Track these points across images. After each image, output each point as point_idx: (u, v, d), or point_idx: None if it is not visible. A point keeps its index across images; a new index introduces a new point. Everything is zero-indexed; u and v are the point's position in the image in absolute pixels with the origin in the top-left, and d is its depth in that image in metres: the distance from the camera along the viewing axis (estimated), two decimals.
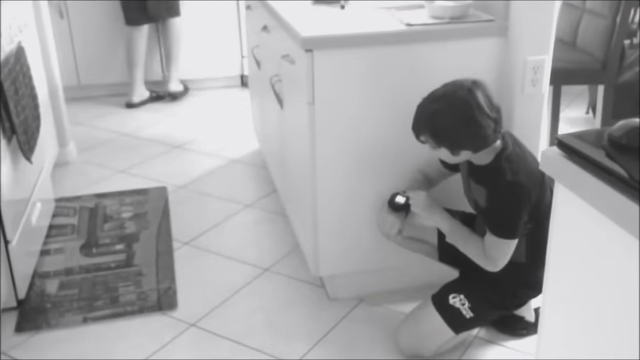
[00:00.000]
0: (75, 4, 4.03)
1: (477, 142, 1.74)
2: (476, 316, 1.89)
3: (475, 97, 1.71)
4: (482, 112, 1.70)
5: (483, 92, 1.73)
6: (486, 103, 1.72)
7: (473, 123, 1.70)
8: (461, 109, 1.71)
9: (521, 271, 1.86)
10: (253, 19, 2.99)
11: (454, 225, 1.86)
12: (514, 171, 1.74)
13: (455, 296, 1.89)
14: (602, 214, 1.01)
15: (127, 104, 4.12)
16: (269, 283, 2.35)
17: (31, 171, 2.43)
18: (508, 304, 1.95)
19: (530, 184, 1.74)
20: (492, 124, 1.72)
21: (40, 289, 2.29)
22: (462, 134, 1.73)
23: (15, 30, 2.43)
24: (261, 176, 3.17)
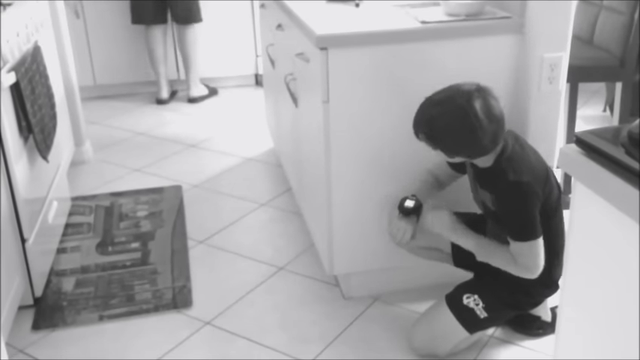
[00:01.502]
0: (90, 4, 4.06)
1: (472, 150, 1.73)
2: (490, 316, 1.88)
3: (472, 107, 1.66)
4: (478, 123, 1.66)
5: (484, 101, 1.68)
6: (485, 113, 1.67)
7: (468, 133, 1.68)
8: (457, 118, 1.68)
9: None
10: (268, 18, 2.99)
11: (479, 242, 1.81)
12: (516, 170, 1.71)
13: (469, 296, 1.88)
14: (621, 211, 0.99)
15: (158, 100, 4.16)
16: (284, 282, 2.34)
17: (47, 170, 2.45)
18: (523, 303, 1.93)
19: (534, 181, 1.72)
20: (489, 135, 1.68)
21: (57, 287, 2.31)
22: (457, 142, 1.72)
23: (32, 29, 2.45)
24: (276, 175, 3.17)
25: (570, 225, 1.18)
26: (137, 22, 4.02)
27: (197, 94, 4.20)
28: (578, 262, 1.17)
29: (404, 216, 1.91)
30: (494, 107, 1.70)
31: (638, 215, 0.95)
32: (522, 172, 1.72)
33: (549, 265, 1.82)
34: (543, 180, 1.75)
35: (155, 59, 4.08)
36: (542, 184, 1.74)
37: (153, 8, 3.96)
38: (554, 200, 1.80)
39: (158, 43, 4.05)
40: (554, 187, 1.79)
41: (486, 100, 1.69)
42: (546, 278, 1.85)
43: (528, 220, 1.72)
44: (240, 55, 4.38)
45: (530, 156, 1.78)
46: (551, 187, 1.77)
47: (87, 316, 2.16)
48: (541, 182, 1.74)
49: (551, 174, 1.80)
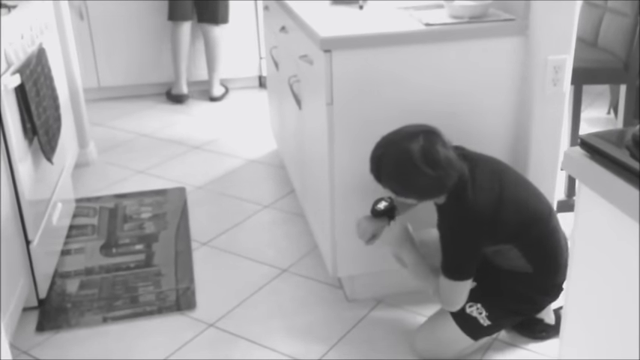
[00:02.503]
0: (95, 6, 4.07)
1: (416, 194, 1.74)
2: (494, 324, 1.88)
3: (410, 152, 1.65)
4: (416, 169, 1.66)
5: (428, 146, 1.66)
6: (427, 159, 1.65)
7: (406, 177, 1.69)
8: (397, 162, 1.69)
9: (533, 280, 1.85)
10: (271, 20, 3.00)
11: (418, 263, 1.87)
12: (459, 216, 1.71)
13: (472, 305, 1.87)
14: (625, 214, 0.99)
15: (176, 97, 4.19)
16: (287, 284, 2.34)
17: (51, 171, 2.45)
18: (526, 310, 1.94)
19: (476, 219, 1.70)
20: (431, 181, 1.67)
21: (61, 288, 2.31)
22: (398, 185, 1.73)
23: (36, 31, 2.46)
24: (279, 176, 3.17)
25: (574, 227, 1.18)
26: (173, 17, 4.05)
27: (219, 94, 4.26)
28: (582, 265, 1.17)
29: (373, 217, 1.93)
30: (439, 152, 1.67)
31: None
32: (462, 213, 1.71)
33: (546, 272, 1.84)
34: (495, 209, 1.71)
35: (180, 56, 4.11)
36: (493, 224, 1.71)
37: (189, 5, 4.01)
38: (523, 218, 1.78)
39: (186, 40, 4.09)
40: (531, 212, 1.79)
41: (430, 145, 1.67)
42: (549, 285, 1.86)
43: (459, 261, 1.76)
44: (244, 57, 4.38)
45: (479, 194, 1.71)
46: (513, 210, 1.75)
47: (91, 317, 2.16)
48: (491, 223, 1.71)
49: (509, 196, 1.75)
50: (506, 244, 1.79)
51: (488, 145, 2.12)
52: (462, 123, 2.07)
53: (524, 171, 2.16)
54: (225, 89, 4.36)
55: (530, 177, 2.15)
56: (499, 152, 2.14)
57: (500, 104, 2.08)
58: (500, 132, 2.12)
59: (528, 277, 1.85)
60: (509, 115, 2.10)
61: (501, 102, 2.08)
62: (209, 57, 4.18)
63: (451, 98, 2.04)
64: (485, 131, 2.10)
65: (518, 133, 2.13)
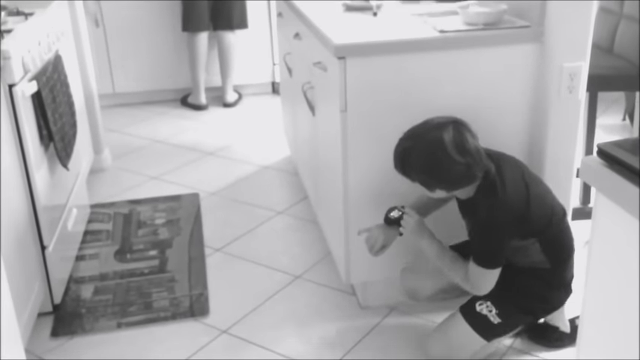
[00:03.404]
0: (110, 13, 4.10)
1: (446, 184, 1.75)
2: (504, 322, 1.87)
3: (443, 140, 1.68)
4: (448, 157, 1.68)
5: (457, 134, 1.69)
6: (457, 146, 1.68)
7: (439, 166, 1.70)
8: (427, 152, 1.71)
9: (548, 275, 1.86)
10: (285, 27, 3.01)
11: (440, 249, 1.86)
12: (489, 208, 1.73)
13: (481, 303, 1.88)
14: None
15: (196, 107, 4.22)
16: (300, 291, 2.34)
17: (67, 177, 2.47)
18: (536, 308, 1.92)
19: (508, 219, 1.73)
20: (463, 169, 1.69)
21: (76, 294, 2.33)
22: (430, 175, 1.74)
23: (53, 38, 2.48)
24: (293, 183, 3.17)
25: (592, 236, 1.17)
26: (188, 28, 4.07)
27: (232, 100, 4.28)
28: (599, 274, 1.16)
29: (387, 225, 1.93)
30: (468, 141, 1.70)
31: None
32: (496, 207, 1.73)
33: (563, 268, 1.86)
34: (522, 206, 1.74)
35: (198, 66, 4.13)
36: (520, 210, 1.74)
37: (205, 15, 4.03)
38: (547, 214, 1.82)
39: (204, 49, 4.11)
40: (546, 203, 1.82)
41: (460, 134, 1.70)
42: (558, 281, 1.88)
43: (492, 251, 1.77)
44: (258, 64, 4.40)
45: (509, 190, 1.75)
46: (539, 206, 1.78)
47: (105, 323, 2.17)
48: (519, 209, 1.74)
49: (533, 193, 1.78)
50: (531, 238, 1.81)
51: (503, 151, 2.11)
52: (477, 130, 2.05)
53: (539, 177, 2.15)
54: (239, 95, 4.38)
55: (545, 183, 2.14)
56: None
57: (515, 111, 2.07)
58: (515, 139, 2.11)
59: (546, 273, 1.86)
60: (525, 122, 2.09)
61: (516, 109, 2.07)
62: (223, 63, 4.21)
63: (466, 105, 2.03)
64: (500, 138, 2.09)
65: (533, 140, 2.12)
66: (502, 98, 2.05)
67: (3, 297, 1.54)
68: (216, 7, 4.05)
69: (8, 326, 1.53)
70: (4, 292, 1.54)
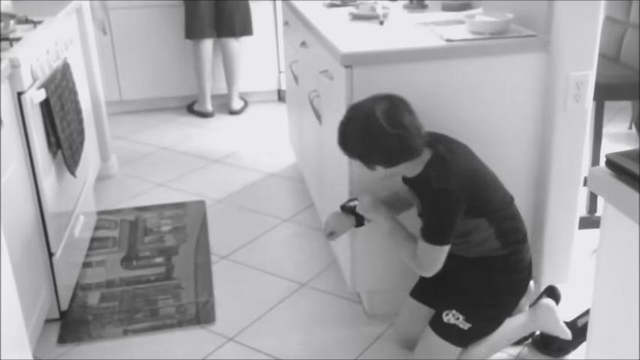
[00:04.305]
0: (117, 22, 4.13)
1: (381, 157, 1.74)
2: (475, 325, 1.87)
3: (374, 113, 1.70)
4: (380, 128, 1.68)
5: (391, 107, 1.71)
6: (389, 119, 1.68)
7: (370, 138, 1.71)
8: (360, 123, 1.73)
9: (505, 262, 1.86)
10: (292, 35, 3.02)
11: (394, 226, 1.85)
12: (440, 178, 1.73)
13: (447, 313, 1.87)
14: None
15: (203, 114, 4.24)
16: (306, 299, 2.34)
17: (74, 184, 2.48)
18: (503, 300, 1.91)
19: (459, 189, 1.73)
20: (395, 141, 1.69)
21: (82, 300, 2.33)
22: (364, 148, 1.74)
23: (61, 46, 2.50)
24: (298, 190, 3.18)
25: (600, 246, 1.17)
26: (191, 36, 4.08)
27: (238, 107, 4.30)
28: (607, 282, 1.16)
29: (342, 213, 1.95)
30: (402, 114, 1.71)
31: None
32: (446, 181, 1.73)
33: (516, 252, 1.86)
34: (470, 184, 1.76)
35: (204, 73, 4.15)
36: (469, 188, 1.75)
37: (208, 22, 4.04)
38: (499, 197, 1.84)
39: (209, 57, 4.13)
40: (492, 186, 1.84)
41: (394, 107, 1.72)
42: (516, 266, 1.88)
43: (441, 226, 1.76)
44: (264, 71, 4.41)
45: (459, 163, 1.77)
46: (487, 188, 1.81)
47: (112, 330, 2.18)
48: (468, 187, 1.75)
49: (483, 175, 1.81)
50: (482, 218, 1.80)
51: (510, 161, 2.11)
52: (483, 139, 2.06)
53: (545, 187, 2.15)
54: (245, 103, 4.39)
55: (551, 193, 2.14)
56: (520, 168, 2.13)
57: (521, 120, 2.08)
58: (521, 148, 2.11)
59: (503, 260, 1.86)
60: (531, 131, 2.09)
61: (523, 118, 2.07)
62: (227, 70, 4.22)
63: (472, 114, 2.03)
64: (507, 147, 2.10)
65: (540, 149, 2.12)
66: (508, 107, 2.05)
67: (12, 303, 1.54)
68: (219, 14, 4.07)
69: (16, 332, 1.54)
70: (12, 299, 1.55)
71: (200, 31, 4.05)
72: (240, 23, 4.11)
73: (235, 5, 4.06)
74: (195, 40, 4.10)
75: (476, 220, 1.80)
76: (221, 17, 4.07)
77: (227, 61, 4.19)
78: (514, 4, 2.15)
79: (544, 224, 2.18)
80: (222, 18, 4.07)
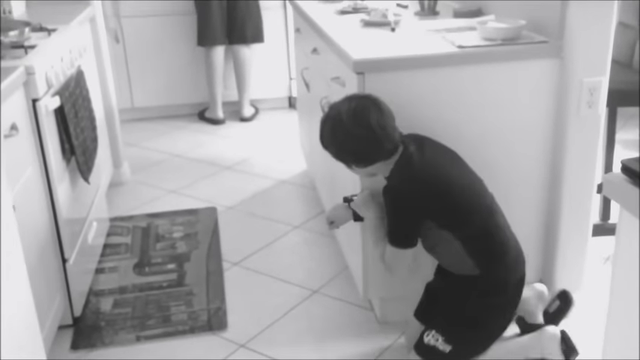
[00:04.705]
0: (130, 30, 4.16)
1: (352, 157, 1.76)
2: (456, 347, 1.80)
3: (341, 112, 1.71)
4: (345, 129, 1.70)
5: (360, 108, 1.71)
6: (356, 118, 1.69)
7: (339, 138, 1.73)
8: (329, 124, 1.75)
9: (479, 282, 1.78)
10: (303, 42, 3.03)
11: (377, 225, 1.84)
12: (398, 177, 1.73)
13: (427, 334, 1.83)
14: None
15: (214, 121, 4.26)
16: (317, 306, 2.34)
17: (87, 191, 2.50)
18: (484, 320, 1.83)
19: (414, 191, 1.71)
20: (363, 141, 1.70)
21: (95, 307, 2.34)
22: (336, 147, 1.76)
23: (75, 54, 2.52)
24: (310, 197, 3.18)
25: (615, 252, 1.16)
26: (203, 43, 4.11)
27: (249, 114, 4.32)
28: (623, 289, 1.15)
29: (344, 204, 1.97)
30: (370, 116, 1.70)
31: None
32: (400, 180, 1.72)
33: (490, 273, 1.77)
34: (435, 192, 1.71)
35: (215, 80, 4.18)
36: (431, 195, 1.70)
37: (219, 29, 4.07)
38: (475, 214, 1.75)
39: (220, 64, 4.15)
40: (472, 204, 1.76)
41: (363, 108, 1.71)
42: (491, 286, 1.79)
43: (396, 227, 1.76)
44: (275, 78, 4.43)
45: (426, 165, 1.73)
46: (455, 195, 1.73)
47: (124, 336, 2.18)
48: (429, 193, 1.70)
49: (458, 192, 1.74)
50: (447, 231, 1.73)
51: (523, 168, 2.11)
52: (495, 145, 2.06)
53: (558, 193, 2.14)
54: (256, 110, 4.41)
55: (564, 199, 2.13)
56: (533, 174, 2.13)
57: (533, 126, 2.07)
58: (534, 154, 2.10)
59: (477, 280, 1.77)
60: (544, 137, 2.09)
61: (535, 124, 2.07)
62: (239, 77, 4.24)
63: (484, 120, 2.03)
64: (519, 153, 2.09)
65: (552, 155, 2.11)
66: (521, 113, 2.05)
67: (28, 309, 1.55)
68: (231, 22, 4.09)
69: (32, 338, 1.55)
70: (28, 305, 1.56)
71: (212, 39, 4.08)
72: (251, 30, 4.14)
73: (247, 13, 4.08)
74: (206, 48, 4.12)
75: (442, 232, 1.74)
76: (233, 25, 4.09)
77: (238, 68, 4.21)
78: (526, 10, 2.15)
79: (557, 231, 2.17)
80: (234, 25, 4.10)
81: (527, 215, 2.18)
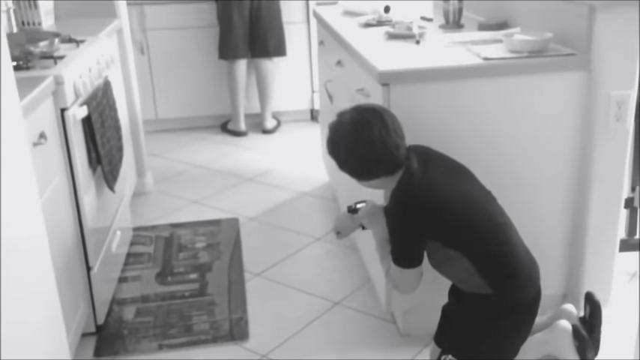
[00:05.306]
0: (155, 42, 4.22)
1: (351, 170, 1.73)
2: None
3: (343, 124, 1.69)
4: (343, 142, 1.68)
5: (364, 122, 1.66)
6: (356, 133, 1.66)
7: (339, 150, 1.71)
8: (332, 135, 1.72)
9: (493, 303, 1.71)
10: (327, 54, 3.05)
11: (384, 239, 1.81)
12: (399, 198, 1.68)
13: (444, 358, 1.79)
14: None
15: (236, 133, 4.29)
16: (339, 317, 2.33)
17: (112, 200, 2.52)
18: (497, 342, 1.76)
19: (416, 210, 1.65)
20: (358, 156, 1.67)
21: (118, 315, 2.36)
22: (337, 158, 1.74)
23: (103, 65, 2.56)
24: (331, 209, 3.18)
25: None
26: (225, 57, 4.15)
27: (271, 126, 4.34)
28: None
29: (349, 214, 1.95)
30: (372, 131, 1.65)
31: None
32: (403, 201, 1.68)
33: (503, 293, 1.69)
34: (438, 209, 1.65)
35: (238, 93, 4.21)
36: (434, 213, 1.65)
37: (242, 43, 4.11)
38: (476, 226, 1.69)
39: (243, 77, 4.19)
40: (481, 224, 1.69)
41: (366, 122, 1.67)
42: (504, 307, 1.71)
43: (398, 247, 1.72)
44: (297, 91, 4.45)
45: (429, 183, 1.67)
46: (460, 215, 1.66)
47: (147, 345, 2.19)
48: (432, 211, 1.64)
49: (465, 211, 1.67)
50: (454, 250, 1.68)
51: (549, 182, 2.09)
52: (522, 159, 2.04)
53: (585, 207, 2.11)
54: (278, 122, 4.43)
55: (591, 214, 2.10)
56: (560, 188, 2.11)
57: (560, 140, 2.05)
58: (560, 168, 2.08)
59: (487, 301, 1.70)
60: (571, 151, 2.07)
61: (562, 137, 2.05)
62: (261, 90, 4.27)
63: (510, 133, 2.02)
64: (546, 167, 2.07)
65: (579, 169, 2.09)
66: (547, 126, 2.03)
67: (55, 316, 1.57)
68: (253, 35, 4.12)
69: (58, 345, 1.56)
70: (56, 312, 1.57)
71: (234, 52, 4.11)
72: (273, 44, 4.17)
73: (269, 26, 4.12)
74: (229, 61, 4.16)
75: (448, 250, 1.69)
76: (255, 38, 4.13)
77: (260, 81, 4.24)
78: (552, 23, 2.14)
79: (584, 246, 2.15)
80: (257, 39, 4.13)
81: (553, 229, 2.15)
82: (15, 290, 1.36)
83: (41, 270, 1.55)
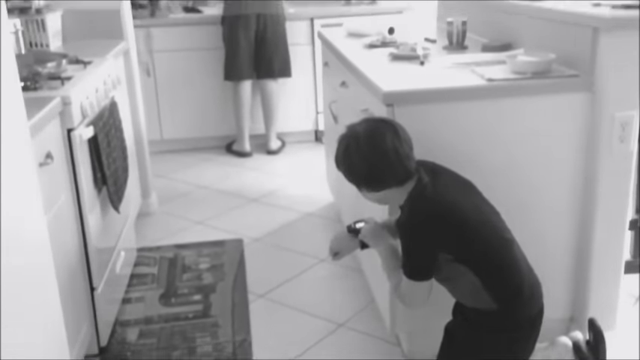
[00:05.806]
0: (161, 64, 4.25)
1: (362, 181, 1.72)
2: None
3: (358, 134, 1.69)
4: (358, 151, 1.68)
5: (377, 133, 1.67)
6: (369, 143, 1.67)
7: (351, 160, 1.71)
8: (345, 143, 1.72)
9: (495, 316, 1.70)
10: (331, 76, 3.06)
11: (388, 255, 1.81)
12: (411, 211, 1.68)
13: None
14: None
15: (242, 154, 4.30)
16: (343, 339, 2.31)
17: (117, 220, 2.52)
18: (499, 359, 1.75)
19: (427, 224, 1.65)
20: (371, 166, 1.67)
21: (121, 337, 2.34)
22: (346, 168, 1.74)
23: (109, 86, 2.58)
24: (336, 230, 3.17)
25: None
26: (230, 78, 4.17)
27: (276, 147, 4.36)
28: None
29: (349, 234, 1.92)
30: (385, 142, 1.66)
31: None
32: (416, 213, 1.67)
33: (512, 307, 1.69)
34: (449, 224, 1.65)
35: (243, 114, 4.23)
36: (444, 227, 1.65)
37: (247, 64, 4.14)
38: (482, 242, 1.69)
39: (248, 97, 4.21)
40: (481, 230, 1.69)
41: (379, 133, 1.68)
42: (508, 318, 1.70)
43: (412, 260, 1.70)
44: (302, 112, 4.47)
45: (439, 197, 1.67)
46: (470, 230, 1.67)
47: None
48: (442, 225, 1.64)
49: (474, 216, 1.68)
50: (465, 264, 1.67)
51: (553, 203, 2.08)
52: (525, 180, 2.04)
53: (589, 229, 2.10)
54: (282, 143, 4.45)
55: (596, 236, 2.09)
56: (564, 210, 2.10)
57: (564, 161, 2.05)
58: (564, 190, 2.08)
59: (492, 317, 1.69)
60: (574, 172, 2.06)
61: (566, 159, 2.05)
62: (266, 111, 4.29)
63: (514, 154, 2.02)
64: (549, 188, 2.07)
65: (583, 190, 2.08)
66: (551, 148, 2.03)
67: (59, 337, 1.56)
68: (259, 56, 4.16)
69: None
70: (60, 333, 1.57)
71: (239, 73, 4.14)
72: (278, 65, 4.20)
73: (275, 48, 4.15)
74: (234, 82, 4.19)
75: (458, 265, 1.68)
76: (260, 59, 4.16)
77: (265, 101, 4.27)
78: (556, 44, 2.15)
79: (589, 268, 2.13)
80: (262, 60, 4.16)
81: (557, 251, 2.14)
82: (19, 310, 1.36)
83: (46, 291, 1.54)
